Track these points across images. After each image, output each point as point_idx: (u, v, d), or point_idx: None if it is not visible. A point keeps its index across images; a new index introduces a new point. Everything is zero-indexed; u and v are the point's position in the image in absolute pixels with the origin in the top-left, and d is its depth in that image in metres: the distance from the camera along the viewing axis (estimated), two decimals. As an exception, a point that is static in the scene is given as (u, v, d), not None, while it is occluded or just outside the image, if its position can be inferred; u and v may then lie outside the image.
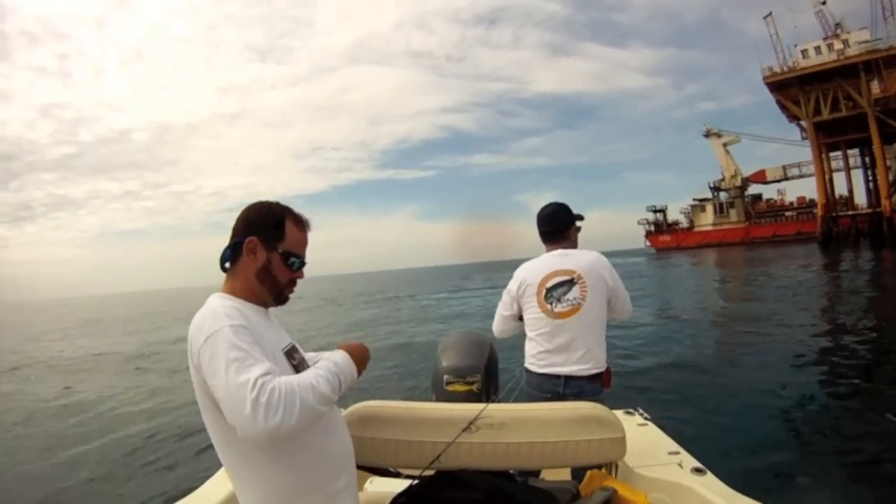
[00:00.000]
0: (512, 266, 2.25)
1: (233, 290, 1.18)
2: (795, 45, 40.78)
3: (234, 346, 1.00)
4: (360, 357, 1.21)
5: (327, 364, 1.13)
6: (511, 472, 1.65)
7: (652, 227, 59.46)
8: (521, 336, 2.27)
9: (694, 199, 57.44)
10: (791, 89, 39.96)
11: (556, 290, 2.07)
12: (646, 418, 2.31)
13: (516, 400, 2.05)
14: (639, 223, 60.15)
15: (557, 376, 2.05)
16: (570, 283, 2.05)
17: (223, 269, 1.20)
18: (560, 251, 2.14)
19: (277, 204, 1.25)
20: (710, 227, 54.33)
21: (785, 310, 11.39)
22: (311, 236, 1.27)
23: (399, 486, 1.52)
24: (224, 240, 1.22)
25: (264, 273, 1.19)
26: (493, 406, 1.54)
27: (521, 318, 2.22)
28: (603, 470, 1.76)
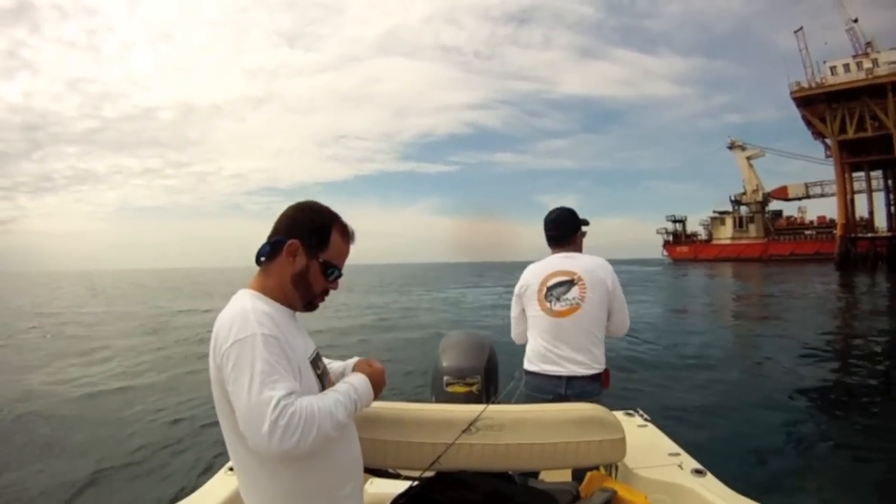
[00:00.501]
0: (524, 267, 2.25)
1: (264, 288, 1.15)
2: (825, 62, 40.34)
3: (261, 359, 0.99)
4: (378, 383, 1.23)
5: (348, 390, 1.12)
6: (511, 473, 1.65)
7: (670, 237, 59.16)
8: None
9: (714, 212, 56.96)
10: (818, 106, 39.45)
11: (556, 290, 2.09)
12: (646, 419, 2.30)
13: (516, 401, 2.05)
14: (657, 232, 59.85)
15: (559, 377, 2.05)
16: (569, 284, 2.07)
17: (258, 262, 1.17)
18: (564, 254, 2.16)
19: (328, 210, 1.21)
20: (728, 241, 53.81)
21: (791, 324, 11.37)
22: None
23: (399, 487, 1.52)
24: (242, 223, 1.11)
25: (300, 279, 1.16)
26: (493, 407, 1.54)
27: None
28: (603, 471, 1.76)
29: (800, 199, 52.77)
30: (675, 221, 59.68)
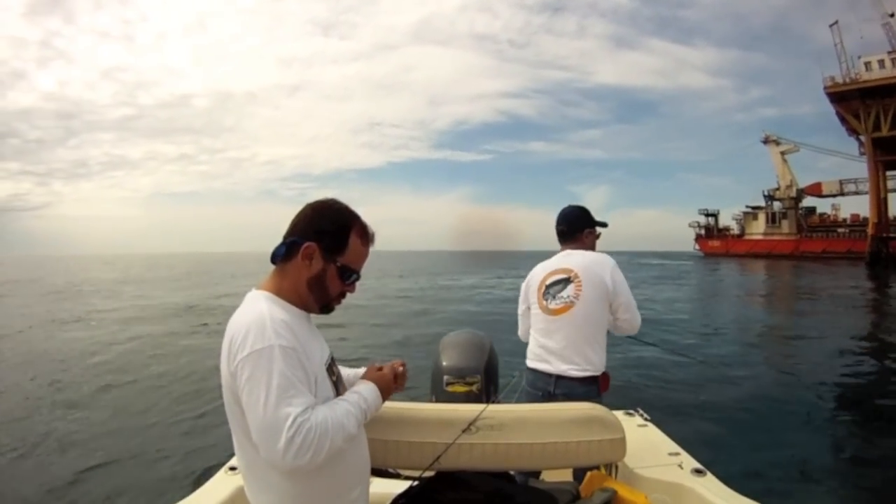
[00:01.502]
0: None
1: (279, 289, 1.13)
2: (859, 57, 39.43)
3: (279, 373, 0.97)
4: (387, 388, 1.22)
5: (359, 400, 1.12)
6: (511, 473, 1.65)
7: (702, 231, 58.30)
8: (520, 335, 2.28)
9: (747, 206, 55.93)
10: (852, 102, 38.76)
11: (553, 288, 2.09)
12: (646, 419, 2.31)
13: (517, 401, 2.05)
14: (690, 226, 58.98)
15: (549, 374, 2.05)
16: (566, 282, 2.06)
17: (273, 262, 1.14)
18: (567, 251, 2.16)
19: (347, 210, 1.17)
20: (760, 237, 52.90)
21: (811, 323, 11.32)
22: (368, 211, 1.19)
23: (399, 486, 1.52)
24: (277, 209, 1.13)
25: (316, 282, 1.13)
26: (493, 407, 1.54)
27: None
28: (603, 470, 1.76)
29: (834, 196, 51.46)
30: (707, 215, 58.74)
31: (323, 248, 1.12)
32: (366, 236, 1.18)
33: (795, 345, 8.65)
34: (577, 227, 2.18)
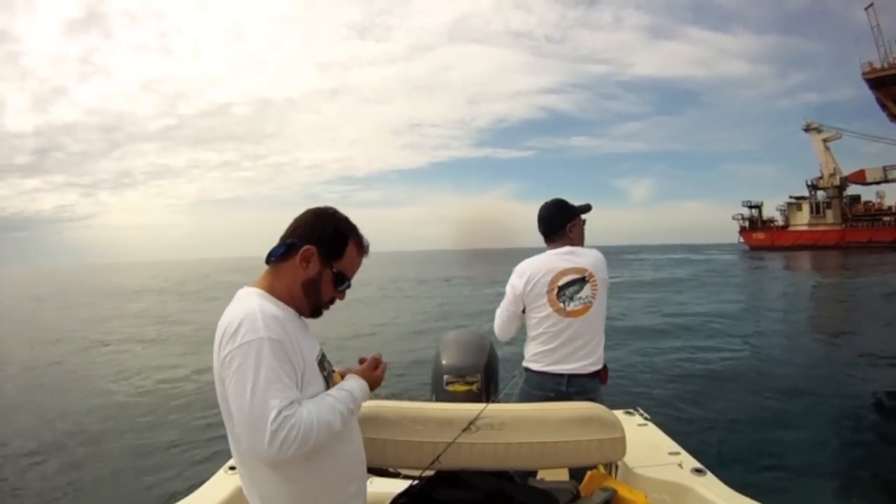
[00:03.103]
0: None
1: (272, 288, 1.14)
2: None
3: (266, 365, 0.98)
4: (375, 379, 1.25)
5: (346, 397, 1.13)
6: (511, 472, 1.65)
7: (746, 223, 55.77)
8: (522, 336, 2.26)
9: (790, 197, 53.74)
10: (891, 87, 37.45)
11: (569, 289, 2.02)
12: (646, 418, 2.30)
13: (516, 400, 2.05)
14: (733, 218, 56.46)
15: (561, 374, 2.01)
16: (582, 282, 2.03)
17: (267, 261, 1.16)
18: (567, 248, 2.10)
19: (347, 220, 1.21)
20: (805, 228, 50.65)
21: (818, 317, 11.18)
22: (411, 212, 1.22)
23: (399, 486, 1.52)
24: None
25: (311, 286, 1.15)
26: (493, 406, 1.53)
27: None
28: (602, 470, 1.76)
29: (878, 183, 48.78)
30: (751, 207, 56.07)
31: (322, 252, 1.15)
32: (362, 246, 1.22)
33: (811, 345, 8.56)
34: (558, 225, 2.12)
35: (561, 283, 2.03)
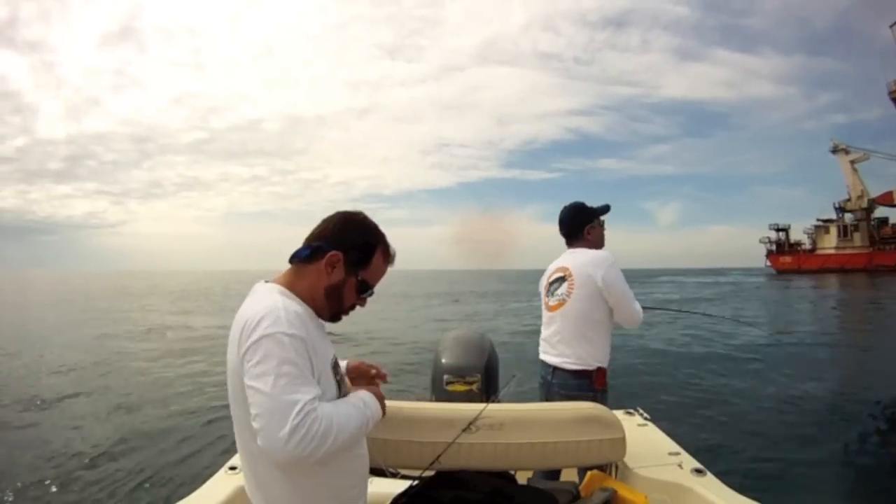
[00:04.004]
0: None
1: (293, 287, 1.12)
2: None
3: (288, 360, 0.97)
4: (384, 404, 1.23)
5: (363, 407, 1.12)
6: (511, 472, 1.65)
7: (773, 247, 55.53)
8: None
9: (818, 220, 53.20)
10: None
11: (553, 285, 2.20)
12: (646, 419, 2.30)
13: (516, 400, 2.05)
14: (760, 241, 56.30)
15: (548, 365, 2.17)
16: (561, 280, 2.16)
17: (291, 261, 1.14)
18: (571, 250, 2.22)
19: (376, 228, 1.19)
20: (832, 251, 49.97)
21: (829, 329, 11.18)
22: (438, 231, 1.21)
23: (399, 486, 1.51)
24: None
25: (334, 291, 1.14)
26: (493, 406, 1.53)
27: None
28: (601, 470, 1.75)
29: None
30: (778, 230, 55.92)
31: (347, 259, 1.13)
32: (388, 255, 1.21)
33: (817, 354, 8.51)
34: (577, 228, 2.22)
35: (551, 279, 2.22)
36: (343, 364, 1.31)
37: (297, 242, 1.18)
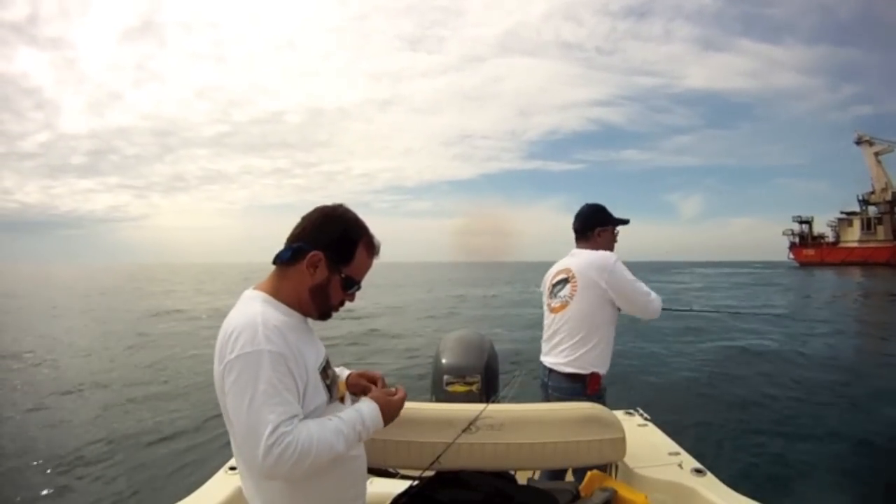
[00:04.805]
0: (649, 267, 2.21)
1: (278, 291, 1.11)
2: None
3: (264, 378, 0.96)
4: (392, 413, 1.18)
5: (355, 420, 1.08)
6: (511, 472, 1.65)
7: (796, 239, 54.67)
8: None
9: (841, 212, 52.08)
10: None
11: (556, 287, 2.17)
12: (646, 419, 2.31)
13: (517, 400, 2.05)
14: (783, 234, 55.59)
15: (545, 366, 2.15)
16: (564, 282, 2.13)
17: (274, 262, 1.12)
18: (574, 251, 2.21)
19: (356, 221, 1.16)
20: (855, 244, 48.98)
21: (838, 325, 11.11)
22: (459, 223, 1.17)
23: (399, 486, 1.52)
24: (371, 220, 1.15)
25: (319, 291, 1.12)
26: (492, 406, 1.54)
27: None
28: (601, 470, 1.76)
29: None
30: (801, 222, 55.09)
31: (329, 258, 1.11)
32: (372, 248, 1.18)
33: (821, 351, 8.47)
34: (588, 226, 2.19)
35: (554, 281, 2.19)
36: (343, 372, 1.31)
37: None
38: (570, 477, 1.97)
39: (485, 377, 2.11)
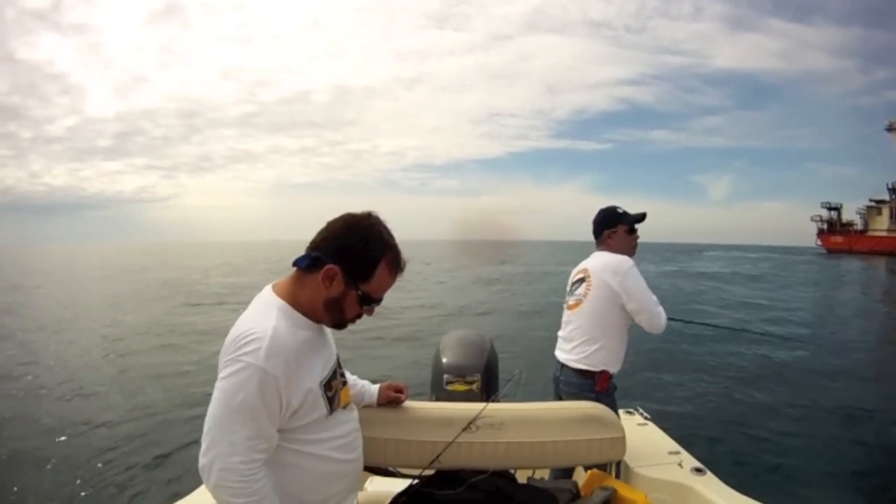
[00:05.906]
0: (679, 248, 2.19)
1: (295, 299, 1.08)
2: None
3: (247, 396, 0.96)
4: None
5: None
6: (511, 471, 1.65)
7: (825, 226, 53.61)
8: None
9: (870, 200, 50.76)
10: None
11: (574, 285, 2.26)
12: (646, 418, 2.31)
13: (516, 400, 2.05)
14: (812, 220, 54.59)
15: (558, 361, 2.22)
16: (581, 281, 2.21)
17: (294, 265, 1.10)
18: (595, 252, 2.28)
19: (380, 237, 1.09)
20: (884, 233, 47.63)
21: (846, 322, 11.12)
22: (485, 201, 1.15)
23: (399, 485, 1.52)
24: (398, 198, 1.18)
25: (333, 304, 1.09)
26: (493, 406, 1.54)
27: None
28: (601, 469, 1.76)
29: None
30: (830, 209, 53.97)
31: (346, 273, 1.07)
32: (395, 267, 1.12)
33: (823, 350, 8.44)
34: (597, 231, 2.27)
35: (574, 280, 2.28)
36: (374, 387, 1.37)
37: (346, 210, 1.11)
38: (579, 476, 1.98)
39: (485, 376, 2.11)
